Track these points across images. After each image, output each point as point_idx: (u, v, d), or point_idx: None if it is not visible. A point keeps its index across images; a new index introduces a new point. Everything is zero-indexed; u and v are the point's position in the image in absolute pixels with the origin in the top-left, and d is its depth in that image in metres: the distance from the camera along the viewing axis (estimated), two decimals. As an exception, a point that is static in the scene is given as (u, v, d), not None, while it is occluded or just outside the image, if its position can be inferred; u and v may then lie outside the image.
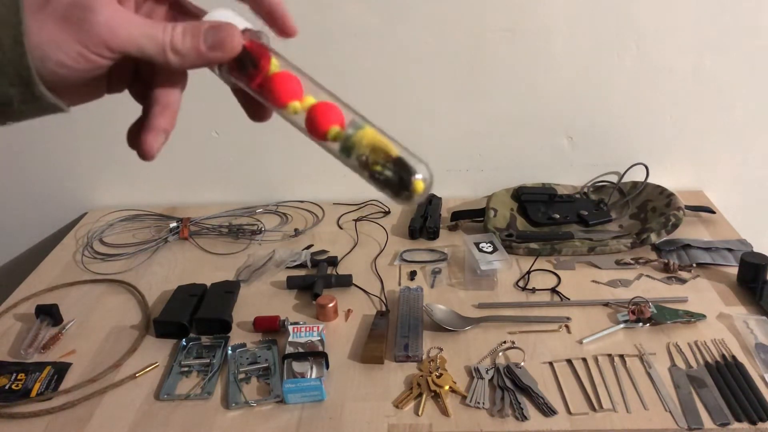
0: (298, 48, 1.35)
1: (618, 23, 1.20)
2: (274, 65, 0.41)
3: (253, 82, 0.41)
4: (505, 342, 0.92)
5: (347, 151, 0.41)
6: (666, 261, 1.08)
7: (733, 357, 0.87)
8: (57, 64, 0.36)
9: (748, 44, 1.21)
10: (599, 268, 1.10)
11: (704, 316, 0.94)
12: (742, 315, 0.95)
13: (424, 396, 0.82)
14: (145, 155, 0.43)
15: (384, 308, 1.01)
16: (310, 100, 0.41)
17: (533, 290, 1.04)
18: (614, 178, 1.34)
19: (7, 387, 0.86)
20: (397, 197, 0.41)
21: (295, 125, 0.42)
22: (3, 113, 0.37)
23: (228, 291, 1.03)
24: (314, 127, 0.41)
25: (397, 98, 1.28)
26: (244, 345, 0.93)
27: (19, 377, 0.88)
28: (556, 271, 1.09)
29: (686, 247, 1.13)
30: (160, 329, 0.96)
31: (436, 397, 0.82)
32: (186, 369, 0.89)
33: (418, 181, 0.40)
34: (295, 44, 1.41)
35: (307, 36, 1.22)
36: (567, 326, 0.95)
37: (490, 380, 0.84)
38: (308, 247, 1.19)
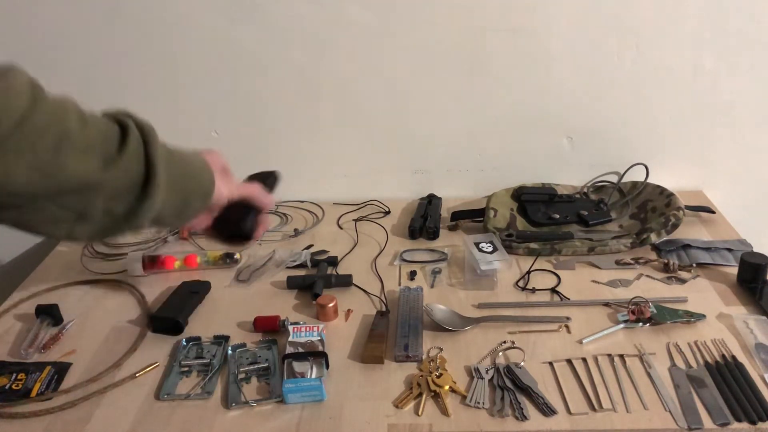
0: (299, 49, 1.36)
1: (618, 23, 1.20)
2: None
3: None
4: (505, 342, 0.92)
5: None
6: (666, 261, 1.08)
7: (733, 357, 0.87)
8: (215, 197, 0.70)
9: (748, 44, 1.21)
10: (599, 268, 1.10)
11: (704, 316, 0.94)
12: (742, 315, 0.95)
13: (424, 396, 0.82)
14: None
15: (384, 308, 1.01)
16: None
17: (533, 290, 1.04)
18: (614, 178, 1.34)
19: (7, 387, 0.86)
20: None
21: None
22: (178, 219, 0.68)
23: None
24: None
25: (397, 98, 1.28)
26: (244, 345, 0.93)
27: (19, 377, 0.88)
28: (556, 271, 1.09)
29: (686, 247, 1.13)
30: (156, 324, 0.97)
31: (436, 397, 0.82)
32: (186, 369, 0.89)
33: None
34: (295, 45, 1.40)
35: (307, 36, 1.22)
36: (567, 326, 0.95)
37: (490, 380, 0.84)
38: (308, 247, 1.19)
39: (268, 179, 0.84)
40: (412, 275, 1.09)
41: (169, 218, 0.65)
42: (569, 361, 0.88)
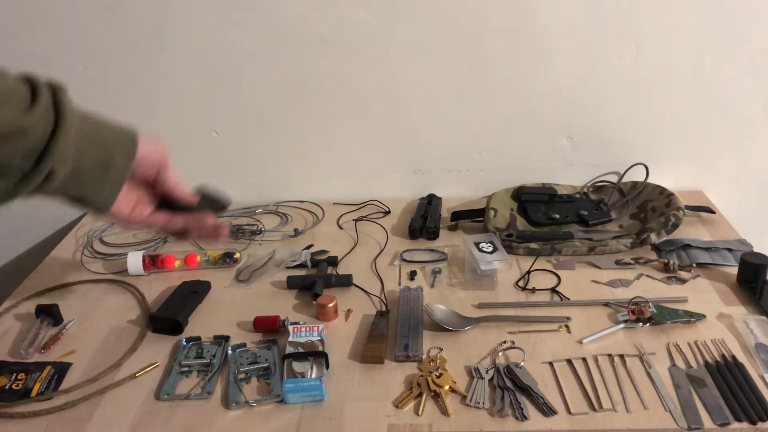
0: (299, 49, 1.36)
1: (618, 23, 1.20)
2: None
3: None
4: (505, 342, 0.92)
5: None
6: (666, 261, 1.08)
7: (733, 357, 0.87)
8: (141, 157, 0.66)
9: (748, 44, 1.21)
10: (599, 268, 1.10)
11: (704, 316, 0.94)
12: (742, 315, 0.95)
13: (424, 396, 0.82)
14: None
15: (384, 308, 1.01)
16: None
17: (533, 290, 1.04)
18: (614, 178, 1.34)
19: (7, 387, 0.86)
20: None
21: None
22: (101, 178, 0.63)
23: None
24: None
25: (397, 98, 1.28)
26: (244, 345, 0.93)
27: (19, 377, 0.88)
28: (556, 271, 1.09)
29: (686, 247, 1.13)
30: (156, 324, 0.97)
31: (436, 397, 0.82)
32: (186, 369, 0.89)
33: None
34: (296, 45, 1.40)
35: (306, 36, 1.22)
36: (567, 326, 0.95)
37: (490, 380, 0.84)
38: (308, 247, 1.19)
39: (217, 203, 0.77)
40: (412, 275, 1.09)
41: (91, 174, 0.62)
42: (569, 361, 0.88)
